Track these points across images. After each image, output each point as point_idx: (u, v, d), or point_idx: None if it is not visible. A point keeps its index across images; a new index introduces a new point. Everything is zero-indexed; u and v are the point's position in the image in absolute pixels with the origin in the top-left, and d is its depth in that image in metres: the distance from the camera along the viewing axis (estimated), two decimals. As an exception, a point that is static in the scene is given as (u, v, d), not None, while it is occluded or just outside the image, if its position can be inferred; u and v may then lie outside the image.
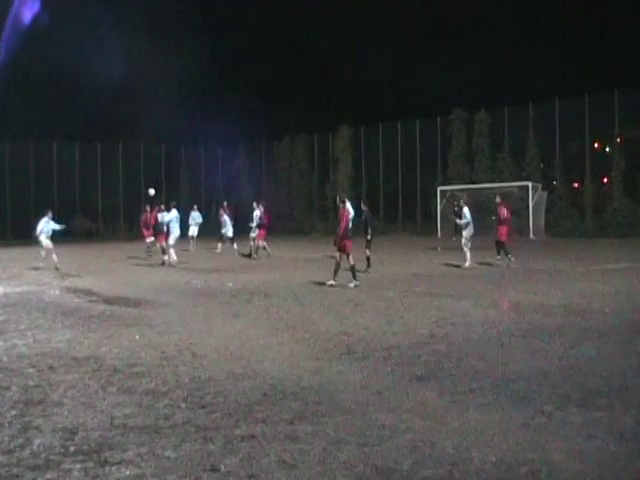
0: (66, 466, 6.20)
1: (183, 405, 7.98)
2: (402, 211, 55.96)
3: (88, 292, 19.42)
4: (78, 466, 6.19)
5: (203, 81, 61.07)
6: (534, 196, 45.42)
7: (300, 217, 60.40)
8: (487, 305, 15.63)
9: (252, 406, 7.87)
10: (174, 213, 29.59)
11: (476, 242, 26.78)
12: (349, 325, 13.24)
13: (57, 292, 19.52)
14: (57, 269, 25.72)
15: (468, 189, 48.23)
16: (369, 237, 23.46)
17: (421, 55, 59.11)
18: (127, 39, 56.51)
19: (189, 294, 18.57)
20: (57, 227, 27.03)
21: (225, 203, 35.63)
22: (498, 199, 27.74)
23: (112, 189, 61.06)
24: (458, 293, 17.75)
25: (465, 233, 25.07)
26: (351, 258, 19.69)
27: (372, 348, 11.04)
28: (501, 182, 46.86)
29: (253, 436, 6.87)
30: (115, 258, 31.94)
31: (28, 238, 31.33)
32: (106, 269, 27.46)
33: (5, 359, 10.70)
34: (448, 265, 25.78)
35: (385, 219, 55.57)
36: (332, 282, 19.47)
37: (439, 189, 49.30)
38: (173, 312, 15.50)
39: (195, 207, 37.13)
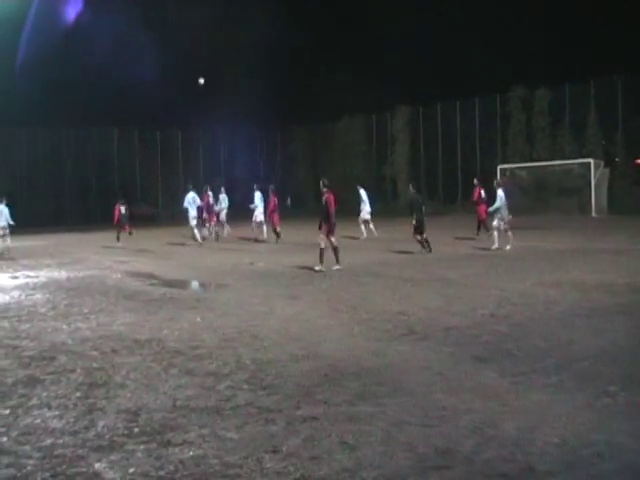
0: (130, 447, 6.28)
1: (245, 387, 8.02)
2: (461, 190, 55.47)
3: (149, 275, 19.63)
4: (141, 447, 6.27)
5: (261, 64, 61.00)
6: (596, 173, 44.64)
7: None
8: (549, 284, 15.41)
9: (313, 387, 7.88)
10: (191, 195, 31.09)
11: (537, 221, 26.45)
12: (408, 305, 13.18)
13: (119, 276, 19.77)
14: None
15: (528, 167, 47.69)
16: (414, 222, 23.16)
17: (480, 32, 58.30)
18: (191, 29, 56.93)
19: (248, 276, 18.66)
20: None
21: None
22: (475, 181, 30.13)
23: (171, 175, 61.54)
24: (518, 272, 17.55)
25: (498, 215, 24.33)
26: (323, 241, 19.16)
27: (432, 328, 10.98)
28: (562, 159, 46.18)
29: (314, 417, 6.88)
30: (174, 241, 32.17)
31: (89, 224, 31.89)
32: (166, 252, 27.71)
33: (69, 342, 10.87)
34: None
35: (445, 199, 55.21)
36: (337, 267, 19.13)
37: (499, 167, 48.69)
38: (233, 294, 15.59)
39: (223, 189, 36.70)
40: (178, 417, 7.05)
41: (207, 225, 33.32)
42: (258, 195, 31.62)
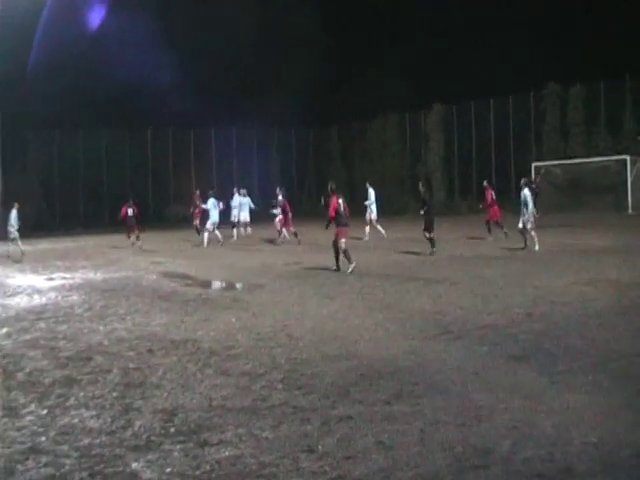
0: (166, 447, 6.31)
1: (280, 386, 8.03)
2: (495, 189, 55.01)
3: (183, 276, 19.73)
4: (178, 447, 6.30)
5: (293, 64, 60.96)
6: (632, 170, 44.15)
7: (393, 197, 60.05)
8: (585, 282, 15.28)
9: (348, 387, 7.88)
10: (211, 200, 31.09)
11: (572, 219, 26.18)
12: (444, 304, 13.14)
13: (154, 277, 19.88)
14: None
15: (563, 164, 47.25)
16: (422, 212, 23.32)
17: (513, 29, 57.86)
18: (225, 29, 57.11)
19: (283, 276, 18.67)
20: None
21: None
22: (485, 183, 30.63)
23: (204, 176, 61.69)
24: (554, 271, 17.42)
25: (524, 215, 23.76)
26: (342, 243, 19.01)
27: (468, 327, 10.93)
28: (597, 156, 45.73)
29: (350, 417, 6.87)
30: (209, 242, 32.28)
31: (124, 225, 32.08)
32: (200, 254, 27.82)
33: (106, 343, 10.95)
34: (542, 242, 25.28)
35: (478, 197, 54.83)
36: (351, 267, 18.83)
37: (533, 165, 48.29)
38: (268, 294, 15.62)
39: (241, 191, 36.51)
40: (214, 417, 7.08)
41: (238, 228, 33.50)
42: (280, 199, 31.64)
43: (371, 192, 30.90)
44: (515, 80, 52.27)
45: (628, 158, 43.89)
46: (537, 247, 22.79)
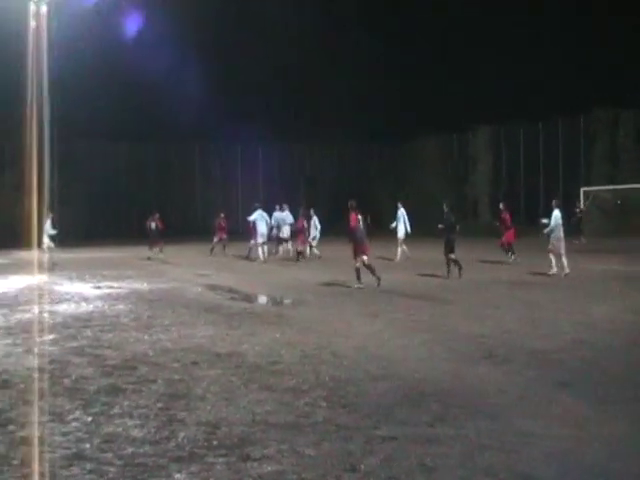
0: (209, 459, 6.34)
1: (324, 404, 8.03)
2: (542, 213, 54.58)
3: (228, 290, 19.81)
4: (221, 460, 6.32)
5: (338, 81, 61.06)
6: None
7: (436, 218, 59.71)
8: (632, 310, 15.07)
9: (392, 407, 7.85)
10: (258, 212, 31.16)
11: (621, 245, 25.78)
12: (489, 327, 13.04)
13: (199, 289, 20.01)
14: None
15: (612, 189, 46.79)
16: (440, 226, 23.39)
17: (563, 49, 57.51)
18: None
19: (326, 293, 18.69)
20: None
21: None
22: (502, 206, 29.92)
23: (251, 189, 61.99)
24: (602, 297, 17.20)
25: (554, 238, 23.35)
26: (359, 262, 19.45)
27: (513, 352, 10.83)
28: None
29: (393, 437, 6.85)
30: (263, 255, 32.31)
31: (170, 237, 32.70)
32: (244, 267, 27.95)
33: (151, 353, 11.03)
34: (591, 268, 25.00)
35: (526, 221, 54.44)
36: (358, 285, 19.42)
37: (582, 190, 47.86)
38: (312, 311, 15.64)
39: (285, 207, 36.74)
40: (257, 431, 7.09)
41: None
42: (315, 219, 31.92)
43: (401, 212, 30.69)
44: (565, 102, 51.96)
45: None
46: (566, 271, 22.25)
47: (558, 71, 57.62)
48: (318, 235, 32.55)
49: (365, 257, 19.46)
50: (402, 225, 30.13)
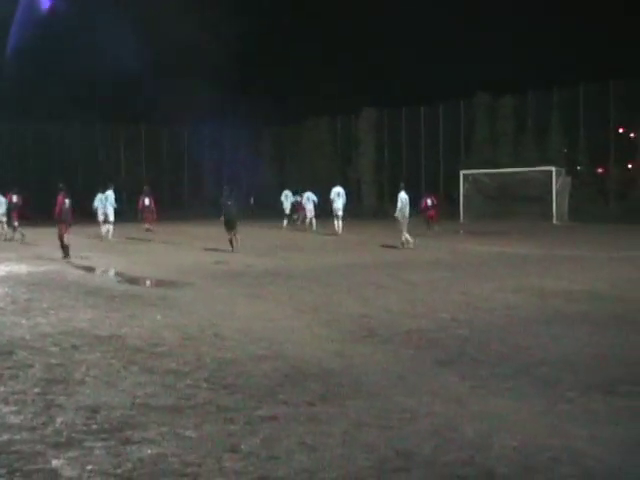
0: (88, 444, 6.23)
1: (205, 385, 8.00)
2: (424, 196, 55.44)
3: (115, 273, 19.52)
4: (100, 444, 6.22)
5: (231, 62, 60.65)
6: (557, 181, 44.93)
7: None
8: (510, 290, 15.50)
9: (274, 387, 7.88)
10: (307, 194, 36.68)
11: (500, 227, 26.47)
12: (371, 307, 13.22)
13: (81, 271, 19.61)
14: None
15: (491, 173, 47.93)
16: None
17: (445, 38, 58.56)
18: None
19: (212, 275, 18.59)
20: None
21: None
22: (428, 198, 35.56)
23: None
24: (481, 277, 17.63)
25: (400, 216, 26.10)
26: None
27: (394, 331, 11.01)
28: (525, 166, 46.45)
29: (274, 417, 6.87)
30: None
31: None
32: (135, 249, 27.54)
33: (28, 337, 10.76)
34: (470, 249, 25.63)
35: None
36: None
37: (462, 173, 48.87)
38: (196, 293, 15.54)
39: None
40: (137, 415, 7.01)
41: None
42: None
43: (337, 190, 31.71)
44: (446, 88, 53.00)
45: (553, 169, 44.62)
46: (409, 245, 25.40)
47: (442, 56, 58.68)
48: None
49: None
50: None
